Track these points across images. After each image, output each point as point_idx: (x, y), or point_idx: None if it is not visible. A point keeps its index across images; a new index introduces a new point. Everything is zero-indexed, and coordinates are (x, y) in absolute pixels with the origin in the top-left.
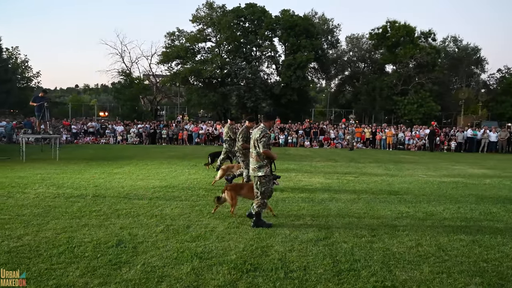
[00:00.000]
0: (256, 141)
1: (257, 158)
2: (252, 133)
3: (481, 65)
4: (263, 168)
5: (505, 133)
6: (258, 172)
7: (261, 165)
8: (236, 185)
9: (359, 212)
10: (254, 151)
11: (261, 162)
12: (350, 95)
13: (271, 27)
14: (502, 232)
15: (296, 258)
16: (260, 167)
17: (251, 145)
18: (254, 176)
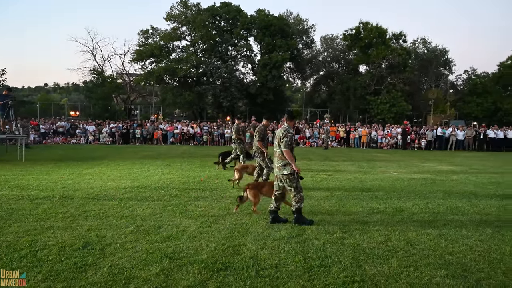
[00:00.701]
0: (279, 139)
1: (281, 157)
2: (276, 132)
3: (449, 66)
4: (288, 166)
5: (471, 132)
6: (283, 171)
7: (286, 163)
8: (258, 184)
9: (331, 209)
10: (278, 150)
11: (285, 160)
12: (325, 94)
13: (246, 26)
14: (466, 225)
15: (268, 256)
16: (284, 165)
17: (275, 143)
18: (282, 175)
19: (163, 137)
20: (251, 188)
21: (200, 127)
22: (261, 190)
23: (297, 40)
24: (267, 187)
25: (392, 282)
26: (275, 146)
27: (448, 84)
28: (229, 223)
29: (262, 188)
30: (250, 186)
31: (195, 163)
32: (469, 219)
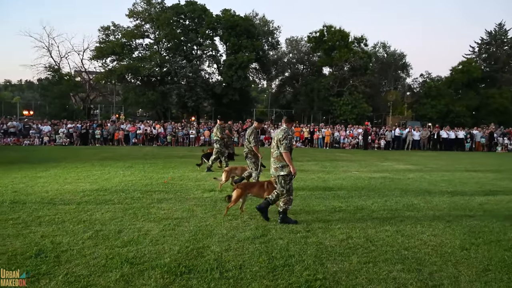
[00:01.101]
0: (279, 141)
1: (279, 158)
2: (274, 134)
3: (406, 70)
4: (286, 168)
5: (426, 132)
6: (280, 172)
7: (284, 164)
8: (247, 184)
9: (295, 208)
10: (276, 151)
11: (283, 161)
12: (290, 95)
13: (212, 26)
14: (421, 221)
15: (232, 257)
16: (282, 166)
17: (273, 145)
18: (278, 176)
19: (125, 138)
20: (239, 187)
21: (164, 128)
22: (249, 190)
23: (263, 41)
24: (256, 187)
25: (353, 278)
26: (273, 148)
27: (406, 86)
28: (193, 225)
29: (251, 188)
30: (239, 186)
31: (159, 164)
32: (424, 215)
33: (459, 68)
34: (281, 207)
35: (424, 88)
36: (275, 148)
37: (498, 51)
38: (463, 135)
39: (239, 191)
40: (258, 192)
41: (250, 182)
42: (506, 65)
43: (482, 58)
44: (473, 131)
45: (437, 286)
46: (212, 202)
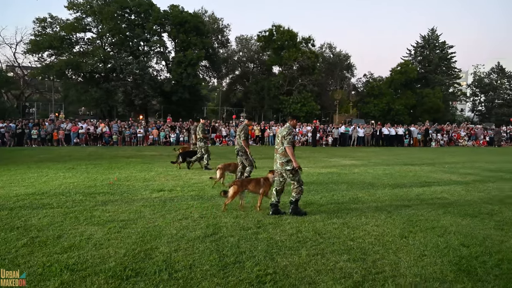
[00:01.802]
0: (283, 137)
1: (285, 154)
2: (278, 131)
3: (351, 70)
4: (291, 162)
5: (369, 129)
6: (286, 166)
7: (289, 159)
8: (243, 181)
9: (246, 205)
10: (281, 147)
11: (289, 157)
12: (240, 94)
13: (159, 21)
14: (365, 213)
15: (182, 258)
16: (288, 161)
17: (278, 141)
18: (285, 170)
19: (66, 138)
20: (236, 184)
21: (109, 127)
22: (246, 186)
23: (213, 39)
24: (253, 184)
25: (302, 271)
26: (277, 144)
27: (351, 86)
28: (141, 226)
29: (248, 185)
30: (236, 183)
31: (103, 165)
32: (367, 207)
33: (397, 69)
34: (293, 197)
35: (367, 88)
36: (279, 145)
37: (431, 54)
38: (402, 131)
39: (235, 188)
40: (254, 189)
41: (246, 179)
42: (438, 67)
43: (417, 60)
44: (411, 128)
45: (380, 273)
46: (161, 202)
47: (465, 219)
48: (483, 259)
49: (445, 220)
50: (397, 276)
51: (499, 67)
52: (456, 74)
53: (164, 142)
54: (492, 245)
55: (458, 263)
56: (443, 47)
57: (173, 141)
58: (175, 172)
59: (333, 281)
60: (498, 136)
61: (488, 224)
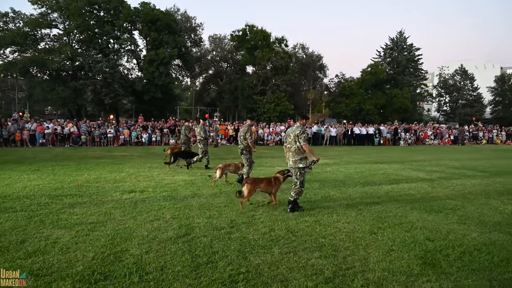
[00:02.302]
0: (296, 136)
1: (298, 152)
2: (288, 131)
3: (323, 70)
4: (304, 160)
5: (341, 129)
6: (299, 164)
7: (302, 157)
8: (255, 180)
9: (220, 205)
10: (294, 146)
11: (302, 155)
12: (214, 93)
13: (130, 19)
14: (337, 211)
15: (153, 259)
16: (301, 159)
17: (290, 141)
18: (295, 168)
19: (31, 138)
20: (249, 182)
21: (78, 127)
22: (258, 185)
23: (185, 38)
24: (264, 183)
25: (274, 269)
26: (289, 143)
27: (323, 86)
28: (111, 229)
29: (260, 184)
30: (248, 181)
31: (71, 166)
32: (339, 205)
33: (368, 70)
34: (292, 197)
35: (339, 88)
36: (292, 143)
37: (399, 56)
38: (373, 131)
39: (249, 186)
40: (266, 188)
41: (260, 178)
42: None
43: (386, 62)
44: (381, 128)
45: (350, 268)
46: (132, 204)
47: (431, 214)
48: (447, 252)
49: (412, 216)
50: (366, 271)
51: (462, 69)
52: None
53: (136, 142)
54: (455, 239)
55: (424, 256)
56: (410, 49)
57: (145, 141)
58: (147, 172)
59: (305, 278)
60: (462, 135)
61: (452, 219)
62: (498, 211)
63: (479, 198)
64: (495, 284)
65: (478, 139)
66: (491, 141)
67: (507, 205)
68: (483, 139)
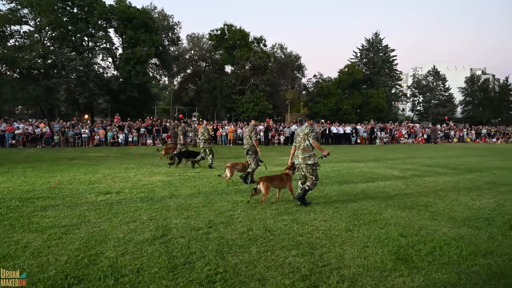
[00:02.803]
0: (306, 135)
1: (307, 149)
2: (297, 130)
3: (301, 70)
4: (312, 158)
5: (319, 128)
6: (308, 161)
7: (310, 154)
8: (269, 177)
9: (198, 206)
10: (303, 144)
11: (310, 152)
12: (193, 93)
13: (105, 16)
14: (314, 209)
15: (129, 262)
16: (310, 156)
17: (299, 139)
18: (303, 164)
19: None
20: (264, 180)
21: (50, 127)
22: (272, 182)
23: (163, 36)
24: (277, 180)
25: (252, 268)
26: (298, 142)
27: (301, 86)
28: (85, 231)
29: (273, 181)
30: (263, 179)
31: (43, 168)
32: (316, 203)
33: (345, 71)
34: (307, 186)
35: (317, 88)
36: (301, 142)
37: (375, 57)
38: (350, 130)
39: (265, 184)
40: (279, 184)
41: (271, 175)
42: (381, 69)
43: (363, 63)
44: (358, 127)
45: (326, 265)
46: (107, 206)
47: (404, 211)
48: (419, 247)
49: (387, 213)
50: (342, 268)
51: (434, 70)
52: (397, 76)
53: (112, 142)
54: (427, 234)
55: (397, 252)
56: (385, 51)
57: (121, 142)
58: (123, 173)
59: (282, 276)
60: (434, 133)
61: (424, 215)
62: (467, 207)
63: (450, 194)
64: (463, 277)
65: (449, 137)
66: (461, 140)
67: (475, 201)
68: (454, 138)
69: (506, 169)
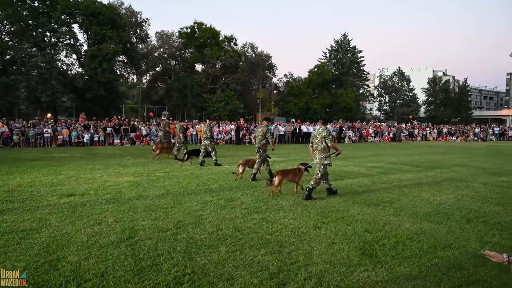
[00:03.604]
0: (323, 138)
1: (324, 150)
2: (314, 133)
3: (272, 70)
4: (328, 158)
5: (290, 127)
6: (325, 161)
7: (327, 155)
8: (284, 171)
9: (166, 206)
10: (321, 145)
11: (327, 153)
12: (162, 91)
13: (68, 11)
14: (284, 208)
15: (93, 266)
16: (326, 157)
17: (317, 141)
18: (320, 163)
19: None
20: (280, 174)
21: (9, 126)
22: (286, 176)
23: (130, 33)
24: (291, 174)
25: (221, 268)
26: (316, 144)
27: (272, 85)
28: (46, 236)
29: (288, 175)
30: (279, 173)
31: (1, 169)
32: (287, 202)
33: (315, 71)
34: (311, 185)
35: (287, 87)
36: (319, 144)
37: (344, 58)
38: None
39: (280, 177)
40: (292, 178)
41: (286, 170)
42: (350, 70)
43: (332, 63)
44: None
45: (294, 263)
46: (70, 208)
47: (370, 207)
48: (383, 242)
49: (353, 210)
50: (310, 265)
51: (399, 71)
52: (365, 77)
53: (77, 142)
54: (391, 230)
55: (362, 247)
56: (353, 51)
57: (87, 142)
58: (88, 174)
59: (251, 275)
60: (399, 132)
61: (388, 211)
62: (429, 202)
63: (413, 191)
64: (423, 270)
65: (413, 136)
66: (425, 138)
67: (436, 196)
68: (418, 137)
69: (465, 166)
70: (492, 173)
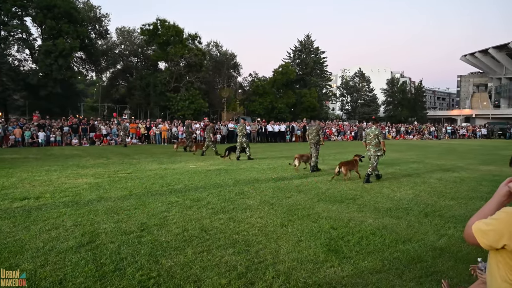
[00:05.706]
0: (376, 135)
1: (377, 145)
2: (368, 131)
3: (237, 69)
4: (380, 151)
5: (255, 126)
6: (378, 153)
7: (379, 149)
8: (348, 162)
9: (129, 208)
10: (375, 141)
11: (379, 147)
12: (124, 89)
13: (20, 3)
14: (250, 207)
15: (50, 273)
16: (378, 150)
17: (371, 138)
18: (374, 155)
19: None
20: (344, 165)
21: None
22: (348, 165)
23: (89, 28)
24: (351, 164)
25: (187, 270)
26: (370, 140)
27: (237, 84)
28: None
29: (348, 165)
30: (344, 164)
31: None
32: (253, 202)
33: (279, 70)
34: (369, 171)
35: (252, 87)
36: (372, 140)
37: (307, 58)
38: (285, 128)
39: (346, 167)
40: (352, 167)
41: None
42: (313, 70)
43: (296, 63)
44: (293, 125)
45: (262, 262)
46: (24, 213)
47: (334, 205)
48: (348, 238)
49: (319, 207)
50: (277, 263)
51: (360, 72)
52: (328, 77)
53: (31, 142)
54: (355, 226)
55: (328, 244)
56: (317, 52)
57: (42, 142)
58: (44, 176)
59: (218, 275)
60: (361, 131)
61: (352, 207)
62: (389, 198)
63: (374, 187)
64: (386, 263)
65: None
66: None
67: (396, 192)
68: None
69: (421, 163)
70: (446, 169)
